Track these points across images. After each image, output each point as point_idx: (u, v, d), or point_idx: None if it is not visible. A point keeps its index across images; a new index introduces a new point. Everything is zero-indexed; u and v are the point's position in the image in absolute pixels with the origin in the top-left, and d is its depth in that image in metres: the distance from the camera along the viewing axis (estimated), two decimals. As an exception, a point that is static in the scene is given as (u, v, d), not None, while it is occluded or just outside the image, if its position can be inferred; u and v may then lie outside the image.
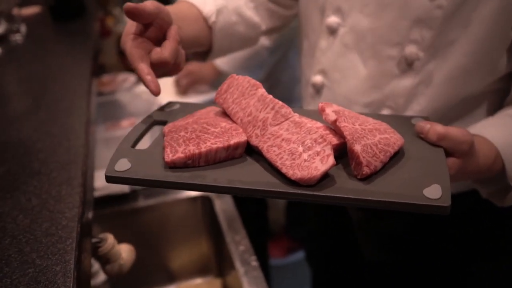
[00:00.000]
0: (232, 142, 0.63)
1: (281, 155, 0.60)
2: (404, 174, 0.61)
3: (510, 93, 0.85)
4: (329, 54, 0.90)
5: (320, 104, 0.66)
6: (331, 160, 0.57)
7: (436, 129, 0.66)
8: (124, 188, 1.26)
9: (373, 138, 0.63)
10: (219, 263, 1.29)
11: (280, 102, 0.65)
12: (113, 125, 1.63)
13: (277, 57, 1.84)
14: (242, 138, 0.64)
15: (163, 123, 0.75)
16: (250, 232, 1.15)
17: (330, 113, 0.64)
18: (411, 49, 0.81)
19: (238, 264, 1.03)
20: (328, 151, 0.58)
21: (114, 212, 1.25)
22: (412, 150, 0.66)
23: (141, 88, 1.98)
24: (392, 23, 0.81)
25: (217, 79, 1.93)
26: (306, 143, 0.60)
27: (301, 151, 0.59)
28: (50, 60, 1.31)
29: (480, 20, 0.77)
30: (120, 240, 0.86)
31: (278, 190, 0.58)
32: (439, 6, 0.77)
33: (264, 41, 1.68)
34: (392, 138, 0.65)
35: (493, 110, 0.87)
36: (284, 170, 0.59)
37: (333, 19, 0.87)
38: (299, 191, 0.57)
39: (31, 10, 1.78)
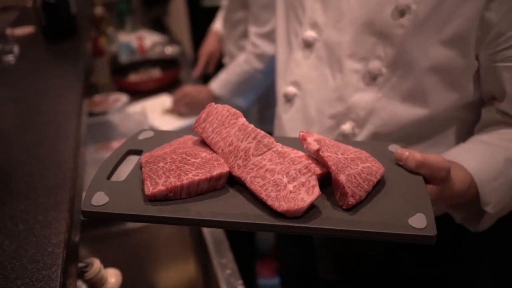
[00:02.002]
0: (214, 173, 0.62)
1: (265, 187, 0.60)
2: (387, 203, 0.62)
3: (480, 120, 0.88)
4: (303, 66, 0.94)
5: (301, 133, 0.66)
6: (316, 191, 0.57)
7: (414, 156, 0.68)
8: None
9: (356, 168, 0.63)
10: (206, 287, 1.29)
11: (262, 132, 0.65)
12: (104, 146, 1.64)
13: (271, 79, 1.87)
14: (224, 169, 0.63)
15: (138, 152, 0.73)
16: (238, 252, 1.15)
17: (312, 142, 0.64)
18: (375, 64, 0.84)
19: (224, 288, 1.04)
20: (313, 181, 0.58)
21: (102, 234, 1.25)
22: (392, 177, 0.67)
23: (133, 108, 1.99)
24: (359, 38, 0.85)
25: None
26: (290, 173, 0.60)
27: (286, 182, 0.59)
28: (42, 81, 1.32)
29: (441, 42, 0.80)
30: (108, 262, 0.86)
31: (264, 222, 0.57)
32: (401, 25, 0.80)
33: (257, 64, 1.70)
34: (374, 167, 0.66)
35: (463, 136, 0.89)
36: (269, 202, 0.58)
37: (309, 33, 0.91)
38: (286, 224, 0.57)
39: (24, 30, 1.79)
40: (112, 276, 0.84)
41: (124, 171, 0.69)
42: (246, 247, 2.01)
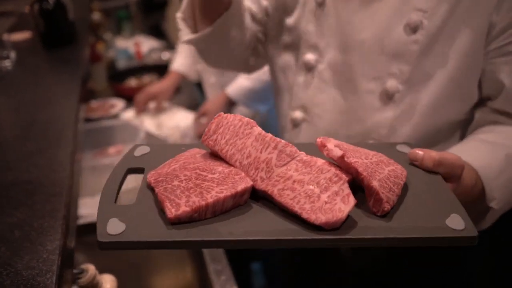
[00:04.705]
0: (239, 188, 0.57)
1: (297, 199, 0.56)
2: (417, 206, 0.60)
3: (473, 121, 0.90)
4: (308, 90, 0.93)
5: (319, 140, 0.63)
6: (352, 200, 0.55)
7: (431, 155, 0.67)
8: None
9: (383, 172, 0.61)
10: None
11: (283, 141, 0.61)
12: (100, 152, 1.64)
13: None
14: (248, 183, 0.59)
15: (140, 170, 0.68)
16: (233, 257, 1.15)
17: (334, 148, 0.61)
18: (391, 83, 0.84)
19: (219, 295, 1.04)
20: (347, 190, 0.56)
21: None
22: (410, 179, 0.65)
23: (129, 114, 2.00)
24: (370, 58, 0.85)
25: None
26: (321, 183, 0.57)
27: (318, 193, 0.56)
28: (39, 88, 1.33)
29: (455, 53, 0.82)
30: (103, 268, 0.86)
31: (304, 238, 0.54)
32: (416, 41, 0.81)
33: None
34: (398, 170, 0.63)
35: (462, 137, 0.92)
36: (304, 215, 0.55)
37: (310, 56, 0.90)
38: (328, 237, 0.53)
39: (21, 36, 1.80)
40: (107, 282, 0.85)
41: (125, 191, 0.66)
42: (241, 251, 2.00)
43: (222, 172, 0.61)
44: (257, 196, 0.61)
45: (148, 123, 1.91)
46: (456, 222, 0.56)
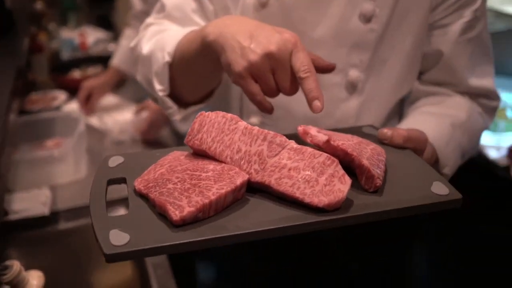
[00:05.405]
0: (238, 183, 0.58)
1: (296, 185, 0.58)
2: (401, 179, 0.64)
3: (411, 93, 0.97)
4: None
5: (301, 128, 0.66)
6: (348, 179, 0.58)
7: (400, 133, 0.72)
8: (44, 210, 1.24)
9: (367, 151, 0.64)
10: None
11: (271, 132, 0.62)
12: (38, 145, 1.59)
13: None
14: (245, 176, 0.60)
15: (122, 180, 0.66)
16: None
17: (318, 134, 0.64)
18: (354, 73, 0.87)
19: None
20: (341, 171, 0.58)
21: (34, 235, 1.22)
22: (386, 156, 0.68)
23: (72, 106, 1.95)
24: (330, 53, 0.86)
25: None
26: (316, 167, 0.59)
27: (315, 177, 0.58)
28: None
29: (406, 35, 0.87)
30: (40, 264, 0.84)
31: (310, 221, 0.55)
32: (372, 30, 0.84)
33: None
34: (377, 148, 0.67)
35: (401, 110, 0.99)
36: (307, 200, 0.56)
37: None
38: (333, 217, 0.56)
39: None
40: (35, 278, 0.82)
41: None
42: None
43: (214, 169, 0.61)
44: (251, 189, 0.62)
45: (90, 116, 1.87)
46: (440, 189, 0.61)
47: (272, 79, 0.69)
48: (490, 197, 1.73)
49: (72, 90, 2.05)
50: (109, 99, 2.04)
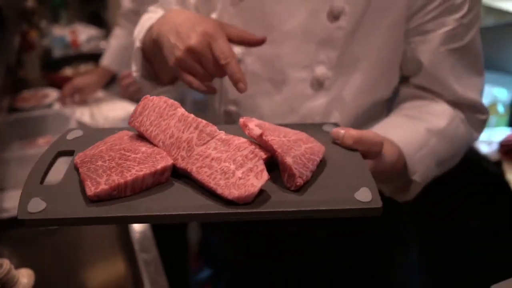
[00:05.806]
0: (159, 167, 0.60)
1: (213, 175, 0.59)
2: (331, 181, 0.63)
3: (399, 95, 0.95)
4: None
5: (242, 120, 0.66)
6: (265, 175, 0.58)
7: (351, 133, 0.70)
8: (35, 209, 1.23)
9: (300, 149, 0.64)
10: (134, 285, 1.28)
11: (204, 121, 0.64)
12: (29, 143, 1.59)
13: None
14: (168, 161, 0.61)
15: (69, 153, 0.69)
16: (168, 248, 1.14)
17: (254, 127, 0.64)
18: (320, 70, 0.86)
19: (147, 285, 1.03)
20: (261, 166, 0.59)
21: (24, 233, 1.22)
22: (331, 156, 0.68)
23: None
24: (298, 48, 0.86)
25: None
26: (237, 160, 0.60)
27: (233, 169, 0.59)
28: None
29: (379, 36, 0.85)
30: (30, 262, 0.84)
31: (216, 212, 0.57)
32: (339, 28, 0.83)
33: None
34: (316, 147, 0.66)
35: (388, 113, 0.96)
36: (219, 191, 0.57)
37: (236, 50, 0.88)
38: (238, 210, 0.56)
39: None
40: (25, 276, 0.82)
41: (57, 174, 0.65)
42: (176, 242, 1.99)
43: (145, 152, 0.63)
44: (179, 174, 0.63)
45: (81, 113, 1.87)
46: (364, 195, 0.59)
47: (200, 68, 0.75)
48: (481, 192, 1.74)
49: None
50: (100, 95, 2.03)
